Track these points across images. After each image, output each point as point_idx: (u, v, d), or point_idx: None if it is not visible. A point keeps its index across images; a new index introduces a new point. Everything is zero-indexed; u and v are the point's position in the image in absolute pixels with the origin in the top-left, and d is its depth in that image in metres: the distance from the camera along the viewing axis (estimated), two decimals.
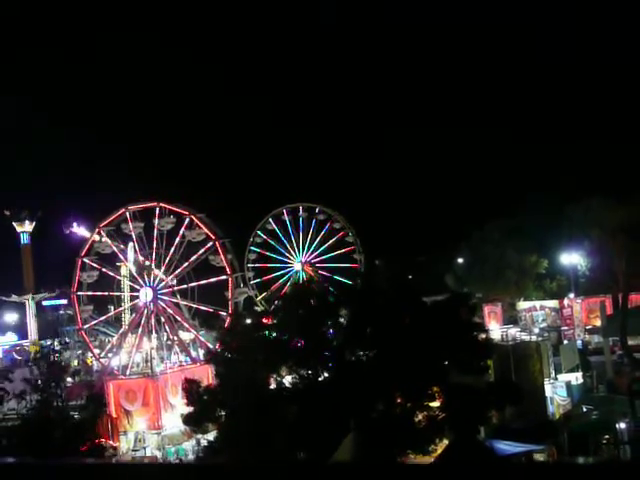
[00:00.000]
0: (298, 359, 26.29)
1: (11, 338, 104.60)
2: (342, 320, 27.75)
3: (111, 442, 39.59)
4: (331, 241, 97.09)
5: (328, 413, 24.24)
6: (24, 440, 22.62)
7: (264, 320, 30.91)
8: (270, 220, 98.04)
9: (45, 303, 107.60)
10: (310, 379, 26.31)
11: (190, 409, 27.58)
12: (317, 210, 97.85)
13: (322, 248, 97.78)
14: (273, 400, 26.42)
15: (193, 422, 26.82)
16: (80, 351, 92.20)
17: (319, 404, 24.92)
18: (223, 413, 27.52)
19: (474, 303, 29.33)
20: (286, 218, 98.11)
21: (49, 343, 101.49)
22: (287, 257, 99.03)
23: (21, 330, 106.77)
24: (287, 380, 27.93)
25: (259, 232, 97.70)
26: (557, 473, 5.84)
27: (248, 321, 67.40)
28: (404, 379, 25.48)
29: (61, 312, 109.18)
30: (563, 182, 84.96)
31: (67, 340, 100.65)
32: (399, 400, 26.40)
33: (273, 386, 27.82)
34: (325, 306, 26.59)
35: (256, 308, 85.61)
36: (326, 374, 26.39)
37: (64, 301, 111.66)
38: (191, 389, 26.48)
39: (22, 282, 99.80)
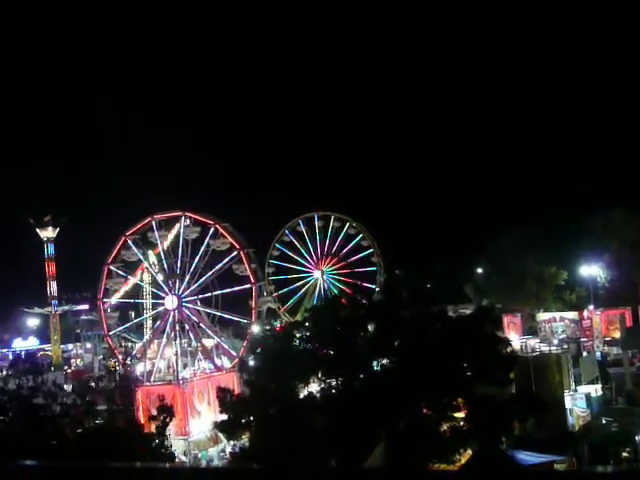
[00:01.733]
0: (328, 369, 27.18)
1: (33, 342, 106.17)
2: (369, 332, 28.58)
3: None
4: (346, 243, 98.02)
5: (357, 422, 25.08)
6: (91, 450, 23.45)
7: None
8: (295, 226, 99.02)
9: (66, 308, 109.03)
10: (339, 389, 27.18)
11: (223, 416, 28.52)
12: (332, 218, 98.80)
13: (341, 255, 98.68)
14: (302, 408, 27.29)
15: (227, 429, 27.83)
16: (101, 356, 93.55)
17: (348, 413, 25.76)
18: (252, 419, 28.37)
19: (498, 317, 30.10)
20: (303, 229, 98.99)
21: (70, 348, 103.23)
22: (306, 266, 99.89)
23: (42, 334, 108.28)
24: (315, 388, 28.75)
25: (286, 233, 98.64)
26: None
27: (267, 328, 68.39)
28: (430, 390, 26.29)
29: (82, 317, 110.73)
30: (582, 194, 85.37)
31: (88, 345, 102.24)
32: (425, 411, 27.22)
33: (302, 395, 28.65)
34: (354, 319, 27.52)
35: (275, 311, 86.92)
36: (355, 384, 27.25)
37: (85, 306, 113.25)
38: (224, 397, 27.51)
39: (45, 288, 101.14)
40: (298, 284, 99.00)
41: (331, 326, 27.88)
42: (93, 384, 65.38)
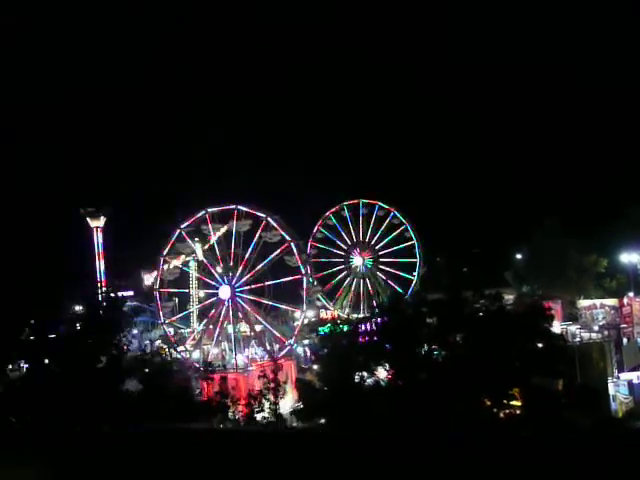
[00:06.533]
0: (394, 361, 29.63)
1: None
2: (432, 326, 30.92)
3: None
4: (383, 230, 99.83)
5: (422, 410, 27.47)
6: None
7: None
8: (326, 220, 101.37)
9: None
10: (404, 378, 29.61)
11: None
12: (366, 205, 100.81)
13: (376, 239, 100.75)
14: (370, 396, 29.77)
15: (304, 417, 30.45)
16: (147, 342, 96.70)
17: (413, 401, 28.17)
18: (324, 406, 30.90)
19: (551, 314, 32.23)
20: (334, 222, 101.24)
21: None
22: (345, 257, 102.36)
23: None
24: (382, 376, 31.13)
25: (320, 229, 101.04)
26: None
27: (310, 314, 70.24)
28: (489, 381, 28.62)
29: (128, 304, 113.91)
30: (622, 182, 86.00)
31: (134, 331, 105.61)
32: (484, 399, 29.58)
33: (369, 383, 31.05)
34: (418, 315, 29.92)
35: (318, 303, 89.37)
36: (420, 375, 29.63)
37: (130, 292, 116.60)
38: (302, 388, 30.17)
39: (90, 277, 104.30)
40: (341, 276, 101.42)
41: (396, 321, 30.31)
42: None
